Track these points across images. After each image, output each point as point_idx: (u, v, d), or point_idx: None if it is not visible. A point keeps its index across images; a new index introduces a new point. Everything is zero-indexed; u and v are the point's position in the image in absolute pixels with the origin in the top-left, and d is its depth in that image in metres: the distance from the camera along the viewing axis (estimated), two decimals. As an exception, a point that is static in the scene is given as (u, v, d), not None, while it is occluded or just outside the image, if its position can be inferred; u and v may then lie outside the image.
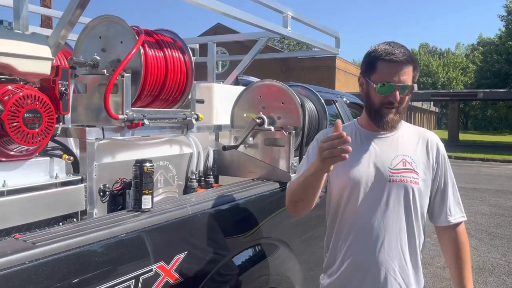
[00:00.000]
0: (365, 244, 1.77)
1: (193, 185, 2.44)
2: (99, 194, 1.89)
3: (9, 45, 1.59)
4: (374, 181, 1.77)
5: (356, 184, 1.77)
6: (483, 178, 13.83)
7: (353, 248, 1.80)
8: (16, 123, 1.54)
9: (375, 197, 1.76)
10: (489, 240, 6.64)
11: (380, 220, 1.76)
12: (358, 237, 1.79)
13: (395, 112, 1.75)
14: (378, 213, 1.76)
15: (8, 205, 1.54)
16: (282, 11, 2.91)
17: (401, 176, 1.75)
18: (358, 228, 1.79)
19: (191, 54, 2.39)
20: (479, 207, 8.86)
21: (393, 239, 1.76)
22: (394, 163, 1.77)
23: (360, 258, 1.78)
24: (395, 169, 1.76)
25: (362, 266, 1.78)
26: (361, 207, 1.78)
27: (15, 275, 1.17)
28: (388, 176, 1.75)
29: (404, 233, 1.77)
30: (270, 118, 2.70)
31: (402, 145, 1.81)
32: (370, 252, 1.76)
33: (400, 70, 1.69)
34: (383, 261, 1.75)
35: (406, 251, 1.78)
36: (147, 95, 2.16)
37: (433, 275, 5.18)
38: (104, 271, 1.42)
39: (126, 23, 2.07)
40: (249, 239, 2.19)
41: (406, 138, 1.84)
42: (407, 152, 1.79)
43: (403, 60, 1.69)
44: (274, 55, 5.92)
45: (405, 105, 1.77)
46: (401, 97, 1.72)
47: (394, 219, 1.76)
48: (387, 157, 1.78)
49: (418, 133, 1.88)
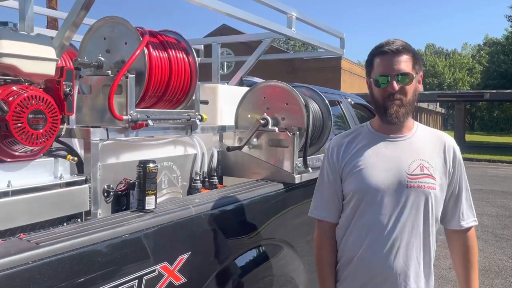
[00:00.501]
0: (381, 250, 1.71)
1: (197, 185, 2.45)
2: (103, 195, 1.90)
3: (14, 46, 1.61)
4: (391, 186, 1.71)
5: (373, 189, 1.72)
6: (490, 179, 13.73)
7: (368, 254, 1.74)
8: (20, 124, 1.55)
9: (393, 203, 1.70)
10: (496, 241, 6.59)
11: (397, 226, 1.70)
12: (374, 243, 1.73)
13: (399, 105, 1.69)
14: (395, 219, 1.70)
15: (13, 205, 1.55)
16: (287, 12, 2.91)
17: (419, 182, 1.69)
18: (375, 234, 1.73)
19: (195, 55, 2.39)
20: (485, 208, 8.80)
21: (410, 246, 1.71)
22: (411, 168, 1.71)
23: (375, 264, 1.72)
24: (413, 175, 1.70)
25: (377, 273, 1.73)
26: (377, 213, 1.72)
27: (19, 275, 1.18)
28: (406, 182, 1.70)
29: (420, 240, 1.72)
30: (274, 119, 2.69)
31: (419, 149, 1.75)
32: (386, 259, 1.71)
33: (394, 60, 1.67)
34: (399, 268, 1.70)
35: (421, 258, 1.73)
36: (151, 96, 2.17)
37: (439, 276, 5.14)
38: (108, 271, 1.42)
39: (131, 24, 2.08)
40: (253, 240, 2.18)
41: (422, 141, 1.77)
42: (424, 157, 1.73)
43: (395, 49, 1.67)
44: (279, 55, 5.91)
45: (410, 98, 1.70)
46: (401, 86, 1.67)
47: (411, 226, 1.71)
48: (404, 161, 1.72)
49: (435, 136, 1.81)
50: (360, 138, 1.83)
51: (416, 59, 1.72)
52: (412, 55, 1.70)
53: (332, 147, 1.87)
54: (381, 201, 1.71)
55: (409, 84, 1.69)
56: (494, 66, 46.57)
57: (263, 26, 2.67)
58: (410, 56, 1.69)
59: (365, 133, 1.84)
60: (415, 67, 1.71)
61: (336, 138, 1.93)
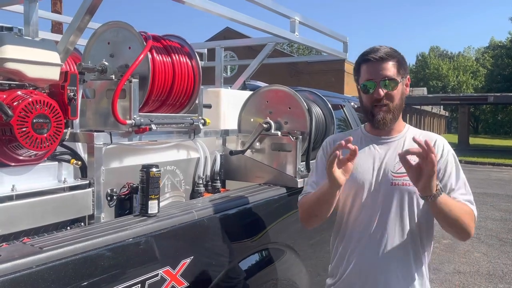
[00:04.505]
0: (367, 248, 1.77)
1: (200, 189, 2.45)
2: (106, 199, 1.91)
3: (19, 52, 1.62)
4: (377, 185, 1.77)
5: (360, 188, 1.79)
6: (494, 183, 13.67)
7: (356, 253, 1.80)
8: (25, 128, 1.56)
9: (378, 201, 1.76)
10: (500, 246, 6.56)
11: (383, 224, 1.75)
12: (361, 242, 1.79)
13: (386, 111, 1.74)
14: (381, 217, 1.76)
15: (17, 209, 1.55)
16: (290, 16, 2.91)
17: (403, 180, 1.72)
18: (361, 232, 1.79)
19: (199, 59, 2.40)
20: (489, 212, 8.76)
21: (396, 243, 1.75)
22: (397, 167, 1.75)
23: (363, 263, 1.78)
24: (398, 173, 1.74)
25: (364, 271, 1.78)
26: (364, 211, 1.79)
27: (22, 279, 1.19)
28: (390, 180, 1.75)
29: (408, 238, 1.75)
30: (277, 123, 2.70)
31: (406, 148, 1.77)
32: (372, 257, 1.76)
33: (379, 67, 1.72)
34: (385, 266, 1.74)
35: (410, 256, 1.75)
36: (154, 100, 2.18)
37: (443, 281, 5.12)
38: (110, 275, 1.43)
39: (134, 29, 2.09)
40: (256, 244, 2.18)
41: (410, 141, 1.80)
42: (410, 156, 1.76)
43: (380, 57, 1.73)
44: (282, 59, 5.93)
45: (397, 102, 1.75)
46: (387, 92, 1.72)
47: (397, 224, 1.75)
48: (390, 161, 1.78)
49: (424, 136, 1.81)
50: (354, 139, 1.85)
51: (401, 64, 1.77)
52: (396, 60, 1.75)
53: (329, 141, 1.96)
54: (369, 200, 1.78)
55: (394, 89, 1.74)
56: (498, 69, 46.43)
57: (267, 30, 2.68)
58: (395, 62, 1.74)
59: (358, 135, 1.90)
60: (400, 71, 1.76)
61: (333, 135, 2.02)
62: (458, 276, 5.30)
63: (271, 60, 4.27)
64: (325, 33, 3.40)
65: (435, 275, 5.25)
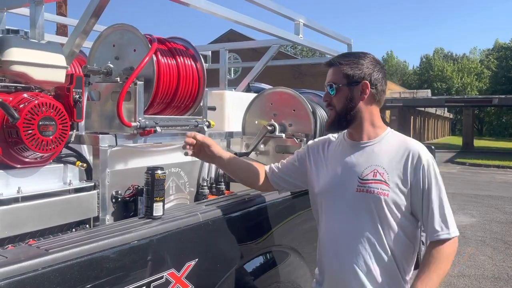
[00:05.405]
0: (336, 252, 1.79)
1: (205, 192, 2.45)
2: (111, 201, 1.92)
3: (25, 54, 1.63)
4: (342, 190, 1.77)
5: (327, 193, 1.83)
6: (499, 185, 13.61)
7: (327, 256, 1.83)
8: (31, 131, 1.57)
9: (344, 206, 1.76)
10: (505, 249, 6.52)
11: (348, 229, 1.75)
12: (332, 246, 1.81)
13: (332, 113, 1.81)
14: (346, 222, 1.75)
15: (23, 211, 1.56)
16: (294, 19, 2.92)
17: (368, 187, 1.70)
18: (330, 236, 1.82)
19: (203, 62, 2.41)
20: (494, 215, 8.71)
21: (361, 248, 1.71)
22: (364, 174, 1.73)
23: (333, 266, 1.80)
24: (364, 179, 1.72)
25: (335, 275, 1.80)
26: (332, 216, 1.81)
27: (29, 281, 1.19)
28: (356, 186, 1.73)
29: (373, 244, 1.71)
30: (282, 125, 2.70)
31: (378, 155, 1.75)
32: (340, 261, 1.77)
33: (328, 73, 1.83)
34: (351, 270, 1.72)
35: (377, 262, 1.71)
36: (159, 102, 2.18)
37: (447, 284, 5.10)
38: (115, 277, 1.43)
39: (139, 31, 2.10)
40: (260, 247, 2.18)
41: (385, 148, 1.76)
42: (380, 163, 1.72)
43: (327, 63, 1.85)
44: (286, 61, 5.94)
45: (342, 106, 1.76)
46: (331, 96, 1.79)
47: (362, 229, 1.72)
48: (359, 167, 1.75)
49: (401, 144, 1.77)
50: (333, 143, 1.94)
51: (343, 65, 1.77)
52: (344, 67, 1.77)
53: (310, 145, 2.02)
54: (334, 204, 1.80)
55: (338, 94, 1.77)
56: (503, 71, 46.27)
57: (271, 32, 2.68)
58: (341, 68, 1.77)
59: (339, 139, 1.93)
60: (348, 77, 1.76)
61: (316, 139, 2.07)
62: (463, 279, 5.28)
63: (275, 62, 4.28)
64: (329, 35, 3.41)
65: (440, 278, 5.22)
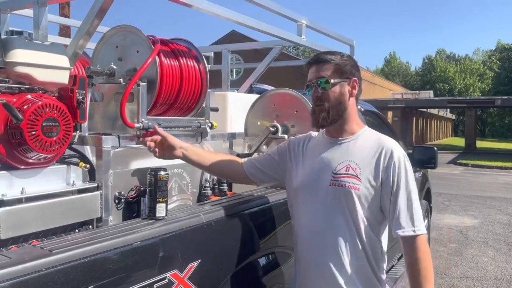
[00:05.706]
0: (308, 246, 1.84)
1: (207, 192, 2.45)
2: (114, 202, 1.92)
3: (29, 56, 1.64)
4: (316, 185, 1.82)
5: (302, 187, 1.87)
6: (501, 186, 13.58)
7: (300, 249, 1.88)
8: (35, 132, 1.57)
9: (317, 200, 1.81)
10: (508, 250, 6.51)
11: (320, 223, 1.80)
12: (305, 239, 1.86)
13: (320, 110, 1.81)
14: (319, 216, 1.80)
15: (26, 212, 1.57)
16: (297, 20, 2.92)
17: (340, 181, 1.75)
18: (303, 229, 1.87)
19: (206, 63, 2.41)
20: (497, 216, 8.69)
21: (332, 242, 1.77)
22: (338, 168, 1.79)
23: (307, 259, 1.85)
24: (337, 174, 1.78)
25: (308, 268, 1.84)
26: (305, 209, 1.86)
27: (32, 282, 1.19)
28: (329, 181, 1.78)
29: (344, 238, 1.75)
30: (284, 127, 2.70)
31: (353, 151, 1.81)
32: (312, 254, 1.82)
33: (314, 70, 1.84)
34: (323, 264, 1.77)
35: (348, 256, 1.75)
36: (162, 103, 2.19)
37: (449, 285, 5.09)
38: (118, 278, 1.43)
39: (142, 32, 2.10)
40: (263, 247, 2.18)
41: (360, 144, 1.82)
42: (354, 158, 1.78)
43: (313, 60, 1.86)
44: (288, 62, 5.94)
45: (333, 102, 1.79)
46: (322, 92, 1.80)
47: (333, 223, 1.77)
48: (334, 162, 1.81)
49: (376, 141, 1.83)
50: (313, 140, 1.98)
51: (340, 67, 1.82)
52: (334, 63, 1.81)
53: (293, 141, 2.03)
54: (308, 198, 1.84)
55: (329, 89, 1.79)
56: (506, 72, 46.16)
57: (274, 34, 2.68)
58: (331, 65, 1.81)
59: (319, 136, 1.97)
60: (339, 74, 1.81)
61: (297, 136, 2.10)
62: (466, 280, 5.27)
63: (277, 63, 4.28)
64: (331, 36, 3.41)
65: (442, 280, 5.22)
